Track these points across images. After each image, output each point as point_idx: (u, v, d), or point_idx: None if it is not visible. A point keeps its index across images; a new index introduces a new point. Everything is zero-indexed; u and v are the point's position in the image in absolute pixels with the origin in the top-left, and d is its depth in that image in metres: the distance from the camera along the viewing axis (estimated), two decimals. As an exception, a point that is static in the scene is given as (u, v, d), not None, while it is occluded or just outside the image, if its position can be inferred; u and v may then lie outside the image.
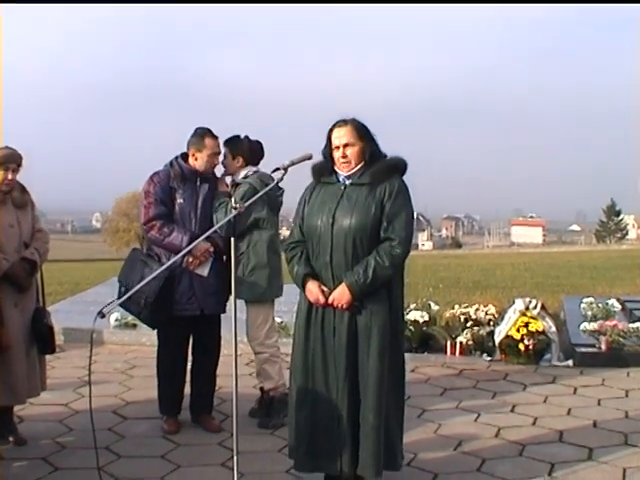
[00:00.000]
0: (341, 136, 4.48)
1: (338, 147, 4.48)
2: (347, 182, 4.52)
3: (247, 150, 6.02)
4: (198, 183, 5.82)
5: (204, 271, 5.74)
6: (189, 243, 5.48)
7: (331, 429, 4.43)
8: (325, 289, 4.44)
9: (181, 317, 5.73)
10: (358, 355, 4.40)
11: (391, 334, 4.42)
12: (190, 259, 5.68)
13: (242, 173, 5.98)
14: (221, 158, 5.99)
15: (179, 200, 5.76)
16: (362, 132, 4.50)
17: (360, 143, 4.47)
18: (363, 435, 4.37)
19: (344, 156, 4.47)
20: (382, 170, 4.46)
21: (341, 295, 4.36)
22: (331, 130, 4.53)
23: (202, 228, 5.60)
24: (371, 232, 4.38)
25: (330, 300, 4.40)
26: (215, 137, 5.84)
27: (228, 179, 6.09)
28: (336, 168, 4.55)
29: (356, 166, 4.49)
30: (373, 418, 4.34)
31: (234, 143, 6.05)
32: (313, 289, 4.46)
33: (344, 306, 4.37)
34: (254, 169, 5.99)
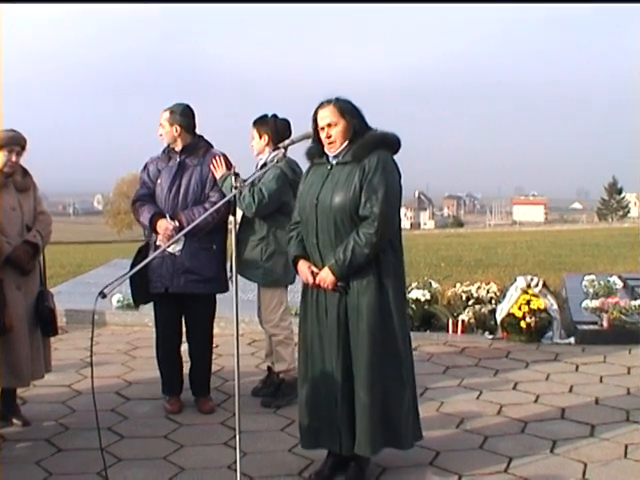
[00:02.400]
0: (324, 116, 4.45)
1: (323, 128, 4.45)
2: (334, 162, 4.50)
3: (273, 128, 5.93)
4: (178, 160, 5.82)
5: (175, 249, 5.66)
6: (150, 220, 5.67)
7: (330, 407, 4.46)
8: (315, 270, 4.47)
9: (161, 295, 5.77)
10: (350, 334, 4.42)
11: (382, 313, 4.39)
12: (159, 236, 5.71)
13: (270, 155, 5.87)
14: (250, 140, 6.02)
15: (159, 181, 5.82)
16: (344, 110, 4.44)
17: (343, 121, 4.42)
18: (357, 414, 4.40)
19: (329, 136, 4.44)
20: (364, 146, 4.40)
21: (325, 276, 4.38)
22: (316, 112, 4.50)
23: (173, 205, 5.72)
24: (351, 211, 4.34)
25: (317, 281, 4.43)
26: (165, 110, 5.83)
27: (258, 160, 6.00)
28: (325, 149, 4.52)
29: (341, 145, 4.45)
30: (365, 396, 4.36)
31: (261, 122, 6.00)
32: (303, 270, 4.51)
33: (329, 287, 4.39)
34: (277, 152, 5.81)
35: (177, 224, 5.62)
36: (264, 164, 5.86)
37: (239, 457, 4.15)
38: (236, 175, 5.52)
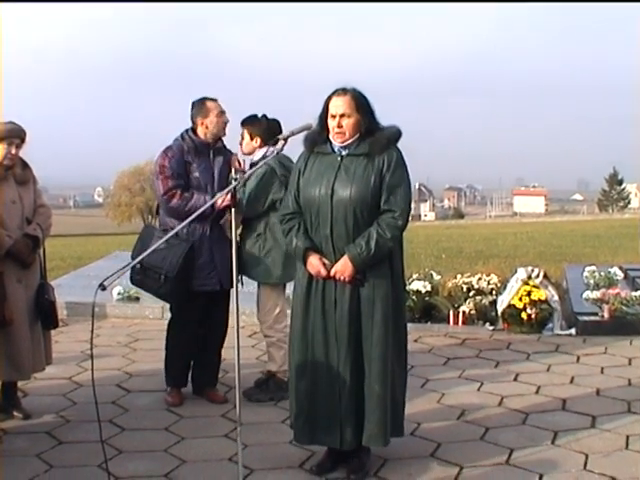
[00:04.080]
0: (338, 105, 4.40)
1: (334, 116, 4.40)
2: (343, 153, 4.46)
3: (265, 130, 5.86)
4: (212, 156, 5.78)
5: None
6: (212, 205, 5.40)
7: (331, 401, 4.44)
8: (326, 262, 4.42)
9: (201, 292, 5.70)
10: (361, 326, 4.40)
11: (393, 304, 4.42)
12: (220, 202, 5.47)
13: (259, 153, 5.84)
14: (239, 138, 5.96)
15: (195, 174, 5.72)
16: (360, 104, 4.42)
17: (357, 115, 4.39)
18: (369, 405, 4.40)
19: (339, 126, 4.39)
20: (380, 141, 4.40)
21: (344, 267, 4.34)
22: (329, 98, 4.45)
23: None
24: (371, 203, 4.34)
25: (332, 273, 4.38)
26: (214, 99, 5.79)
27: (247, 159, 5.98)
28: (330, 137, 4.49)
29: (351, 137, 4.42)
30: (379, 388, 4.36)
31: (252, 123, 5.94)
32: (314, 262, 4.43)
33: (346, 278, 4.35)
34: (272, 149, 5.68)
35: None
36: (254, 164, 5.82)
37: (240, 449, 4.15)
38: (238, 170, 5.50)
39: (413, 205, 4.98)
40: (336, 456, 4.60)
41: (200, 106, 5.76)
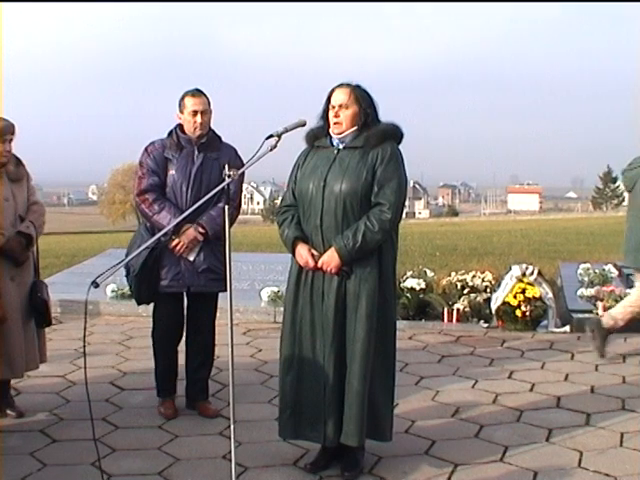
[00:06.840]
0: (339, 97, 4.44)
1: (334, 107, 4.44)
2: (340, 146, 4.48)
3: None
4: (196, 152, 5.51)
5: (191, 256, 5.44)
6: (176, 226, 5.17)
7: (316, 396, 4.44)
8: (315, 253, 4.43)
9: (168, 294, 5.50)
10: (346, 321, 4.39)
11: (380, 301, 4.39)
12: (177, 243, 5.39)
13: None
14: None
15: (171, 171, 5.47)
16: (361, 97, 4.45)
17: (355, 107, 4.42)
18: (347, 402, 4.37)
19: (336, 116, 4.43)
20: (375, 135, 4.41)
21: (330, 259, 4.34)
22: (332, 90, 4.49)
23: (194, 201, 5.16)
24: (362, 197, 4.34)
25: (319, 264, 4.38)
26: (195, 95, 5.46)
27: None
28: (330, 131, 4.51)
29: (347, 129, 4.44)
30: (358, 384, 4.34)
31: None
32: (303, 252, 4.45)
33: (333, 270, 4.35)
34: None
35: (201, 238, 5.41)
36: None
37: (234, 447, 4.14)
38: (229, 165, 5.42)
39: (407, 202, 4.97)
40: (330, 453, 4.58)
41: (180, 101, 5.52)
